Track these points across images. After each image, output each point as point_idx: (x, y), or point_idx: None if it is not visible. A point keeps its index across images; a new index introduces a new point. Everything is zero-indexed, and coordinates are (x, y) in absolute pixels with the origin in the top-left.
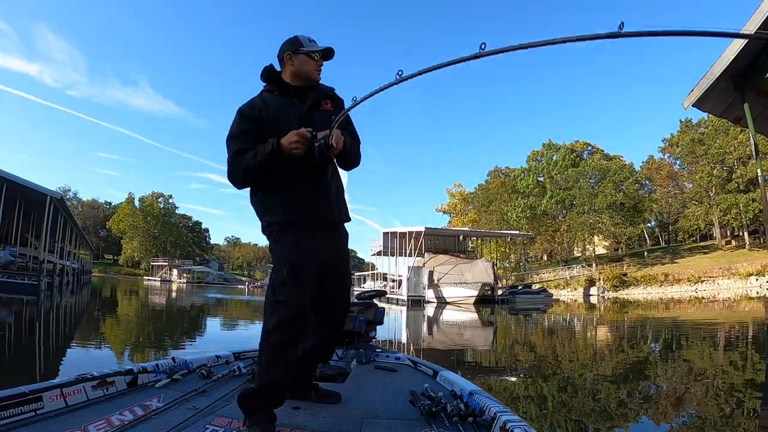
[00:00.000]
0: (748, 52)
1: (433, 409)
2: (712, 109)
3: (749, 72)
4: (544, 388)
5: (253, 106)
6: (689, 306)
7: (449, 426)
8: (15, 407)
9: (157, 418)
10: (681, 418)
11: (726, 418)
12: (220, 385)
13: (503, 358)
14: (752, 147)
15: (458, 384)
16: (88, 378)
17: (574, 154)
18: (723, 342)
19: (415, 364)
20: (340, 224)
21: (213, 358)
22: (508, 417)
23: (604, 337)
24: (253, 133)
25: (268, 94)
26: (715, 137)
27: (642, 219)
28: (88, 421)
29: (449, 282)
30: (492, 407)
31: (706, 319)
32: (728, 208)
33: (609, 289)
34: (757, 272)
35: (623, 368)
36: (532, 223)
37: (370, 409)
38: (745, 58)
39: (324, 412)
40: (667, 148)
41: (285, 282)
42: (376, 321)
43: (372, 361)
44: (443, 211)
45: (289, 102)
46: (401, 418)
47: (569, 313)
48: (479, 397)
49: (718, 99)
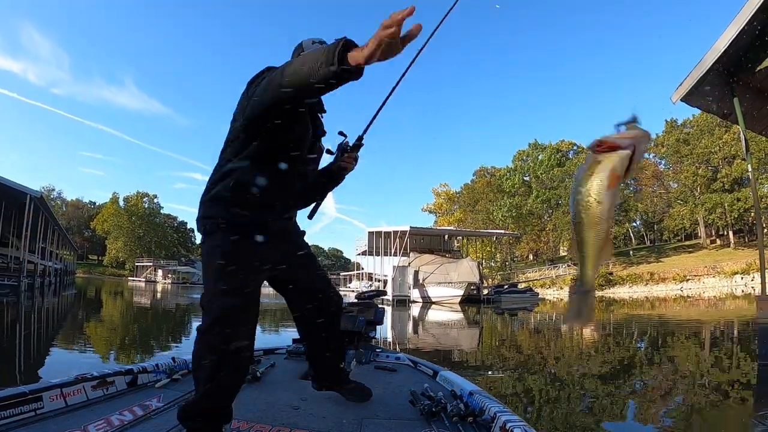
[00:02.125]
0: (740, 44)
1: (433, 409)
2: (701, 103)
3: (740, 66)
4: (532, 386)
5: None
6: (675, 304)
7: (449, 426)
8: (15, 407)
9: (157, 418)
10: (672, 417)
11: (715, 418)
12: None
13: (490, 357)
14: (742, 143)
15: (458, 384)
16: (88, 378)
17: (559, 154)
18: (709, 340)
19: (415, 364)
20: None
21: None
22: (508, 417)
23: (591, 336)
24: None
25: None
26: (701, 137)
27: (627, 218)
28: (88, 421)
29: (434, 282)
30: (492, 407)
31: (693, 317)
32: (713, 208)
33: (595, 287)
34: (742, 271)
35: (610, 366)
36: (517, 223)
37: (370, 409)
38: (736, 51)
39: (324, 412)
40: (653, 147)
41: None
42: (376, 321)
43: (372, 361)
44: (429, 211)
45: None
46: (401, 418)
47: (556, 312)
48: (479, 397)
49: (707, 94)
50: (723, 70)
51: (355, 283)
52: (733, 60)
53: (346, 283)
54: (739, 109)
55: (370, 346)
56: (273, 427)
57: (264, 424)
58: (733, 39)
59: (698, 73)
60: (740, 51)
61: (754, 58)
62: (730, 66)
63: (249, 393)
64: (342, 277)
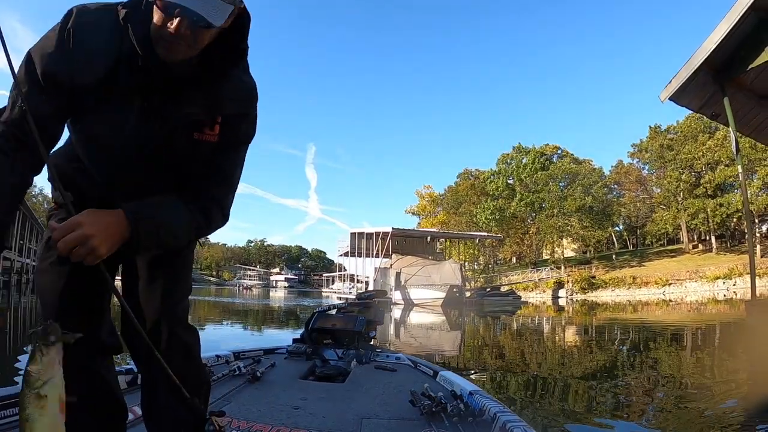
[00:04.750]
0: (730, 42)
1: (433, 409)
2: (690, 103)
3: (730, 65)
4: (512, 388)
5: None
6: (657, 308)
7: (449, 426)
8: (15, 407)
9: None
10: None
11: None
12: (220, 385)
13: (472, 359)
14: (732, 143)
15: (458, 384)
16: None
17: (543, 158)
18: (690, 344)
19: (415, 364)
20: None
21: (213, 358)
22: (508, 417)
23: (573, 338)
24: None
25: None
26: (684, 143)
27: (610, 222)
28: None
29: (416, 284)
30: (492, 407)
31: (675, 321)
32: (696, 213)
33: (577, 291)
34: (724, 275)
35: (588, 368)
36: (501, 226)
37: (370, 409)
38: (726, 49)
39: (324, 412)
40: (636, 153)
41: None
42: (376, 321)
43: (372, 361)
44: (413, 213)
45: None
46: (401, 418)
47: (538, 315)
48: (479, 397)
49: (696, 93)
50: (712, 69)
51: (338, 284)
52: (723, 59)
53: (329, 284)
54: (730, 109)
55: (370, 346)
56: (273, 427)
57: (264, 424)
58: (723, 37)
59: (687, 72)
60: (730, 49)
61: (745, 57)
62: (720, 65)
63: (249, 393)
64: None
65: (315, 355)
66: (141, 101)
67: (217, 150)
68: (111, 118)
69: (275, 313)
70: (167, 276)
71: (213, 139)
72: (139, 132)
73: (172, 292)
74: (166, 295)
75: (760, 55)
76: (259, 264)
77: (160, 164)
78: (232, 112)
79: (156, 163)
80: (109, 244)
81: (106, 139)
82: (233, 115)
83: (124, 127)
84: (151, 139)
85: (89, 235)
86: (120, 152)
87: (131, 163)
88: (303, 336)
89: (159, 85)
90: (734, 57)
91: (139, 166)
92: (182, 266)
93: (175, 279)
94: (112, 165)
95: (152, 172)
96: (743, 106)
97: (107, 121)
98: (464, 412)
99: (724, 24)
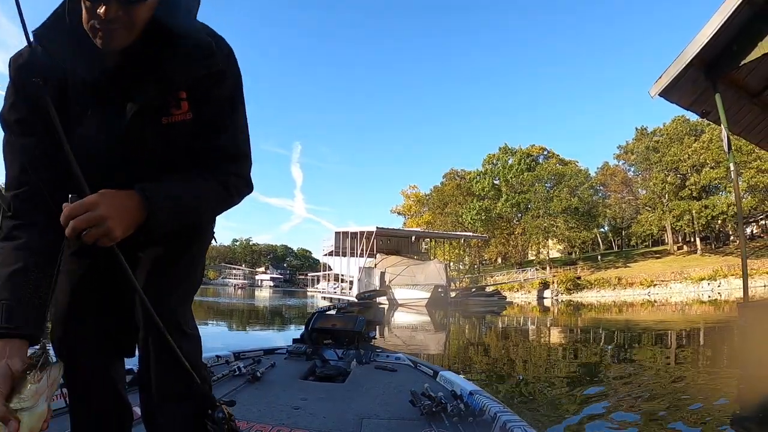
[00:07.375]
0: (722, 37)
1: (433, 409)
2: (680, 99)
3: (722, 60)
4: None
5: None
6: (642, 309)
7: (449, 426)
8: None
9: None
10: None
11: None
12: (220, 385)
13: (458, 360)
14: (724, 141)
15: (458, 384)
16: None
17: (530, 159)
18: (675, 344)
19: (415, 364)
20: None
21: (213, 358)
22: (508, 417)
23: (557, 339)
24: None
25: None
26: (670, 145)
27: (596, 224)
28: None
29: (401, 283)
30: (492, 407)
31: (660, 321)
32: (681, 215)
33: (563, 292)
34: (708, 277)
35: (572, 368)
36: (487, 226)
37: (370, 409)
38: (718, 44)
39: (324, 412)
40: (622, 155)
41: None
42: (376, 321)
43: (372, 361)
44: (398, 213)
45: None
46: (401, 418)
47: (523, 315)
48: (479, 397)
49: (687, 89)
50: (704, 64)
51: (323, 284)
52: (715, 54)
53: (314, 283)
54: (721, 105)
55: (370, 346)
56: (273, 427)
57: (264, 424)
58: (716, 31)
59: (678, 66)
60: (723, 44)
61: (738, 51)
62: (713, 60)
63: (249, 393)
64: (310, 278)
65: (315, 355)
66: (102, 104)
67: (200, 126)
68: (79, 132)
69: (260, 313)
70: (167, 277)
71: (186, 117)
72: (109, 137)
73: (168, 296)
74: (159, 302)
75: (754, 51)
76: (245, 263)
77: (143, 162)
78: (193, 80)
79: (138, 162)
80: (124, 226)
81: (82, 155)
82: (197, 83)
83: (94, 137)
84: (121, 139)
85: (105, 216)
86: (100, 161)
87: (114, 171)
88: (303, 336)
89: (113, 84)
90: (727, 52)
91: (123, 171)
92: (188, 265)
93: (176, 280)
94: (96, 176)
95: (140, 172)
96: (734, 103)
97: (76, 140)
98: (464, 412)
99: (718, 17)
